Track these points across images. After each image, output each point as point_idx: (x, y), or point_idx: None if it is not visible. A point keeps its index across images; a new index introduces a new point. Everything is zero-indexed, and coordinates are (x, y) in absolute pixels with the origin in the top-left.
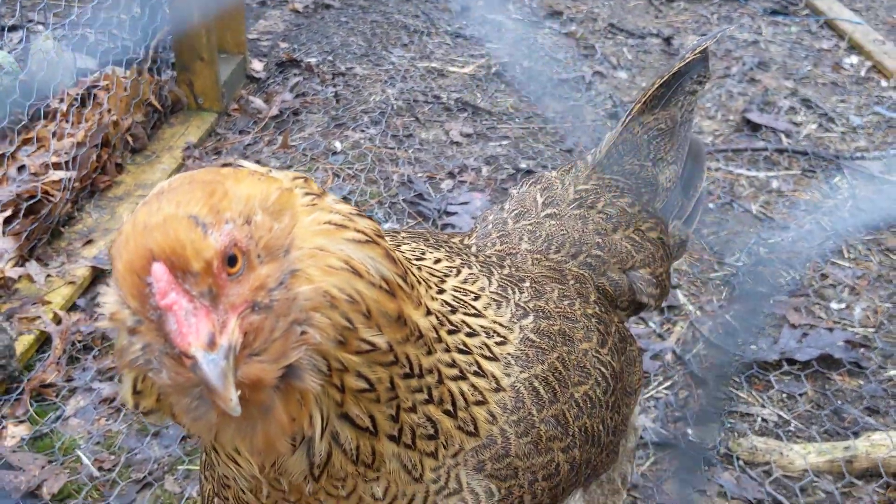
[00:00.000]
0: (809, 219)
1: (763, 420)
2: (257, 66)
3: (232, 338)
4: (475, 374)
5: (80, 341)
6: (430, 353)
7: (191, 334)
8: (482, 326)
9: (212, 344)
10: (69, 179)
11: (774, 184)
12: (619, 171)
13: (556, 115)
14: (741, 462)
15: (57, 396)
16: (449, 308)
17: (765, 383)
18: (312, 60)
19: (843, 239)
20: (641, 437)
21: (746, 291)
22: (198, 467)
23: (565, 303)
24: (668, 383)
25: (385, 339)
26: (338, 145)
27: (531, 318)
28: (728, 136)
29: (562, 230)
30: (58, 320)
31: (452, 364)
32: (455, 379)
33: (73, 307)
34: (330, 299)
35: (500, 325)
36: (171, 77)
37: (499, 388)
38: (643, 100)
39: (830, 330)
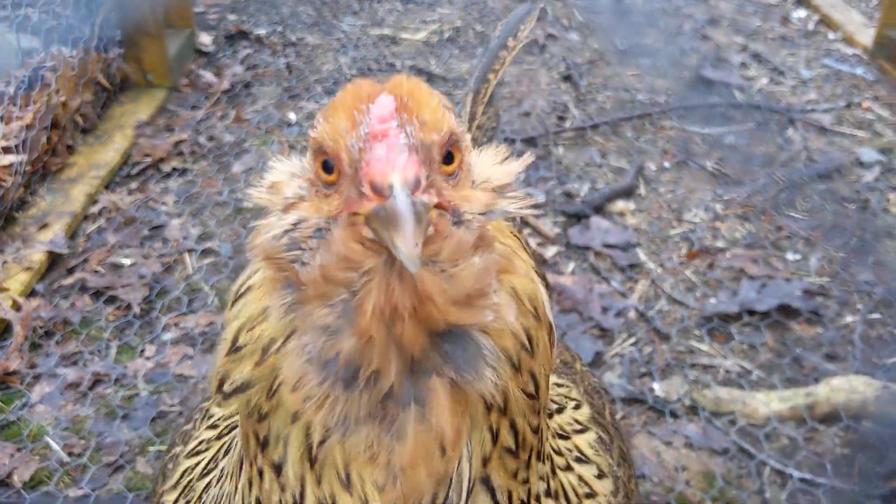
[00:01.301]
0: (764, 172)
1: (726, 371)
2: (205, 39)
3: (433, 201)
4: (577, 460)
5: (41, 327)
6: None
7: (395, 164)
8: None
9: (415, 185)
10: (20, 163)
11: (729, 139)
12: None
13: (512, 79)
14: (706, 413)
15: (21, 384)
16: None
17: (726, 335)
18: (262, 31)
19: (797, 191)
20: (608, 393)
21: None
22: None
23: None
24: (632, 340)
25: (542, 390)
26: (292, 116)
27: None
28: (682, 94)
29: None
30: (17, 307)
31: (559, 452)
32: (565, 469)
33: (31, 293)
34: (516, 292)
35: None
36: (119, 54)
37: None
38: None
39: (788, 280)
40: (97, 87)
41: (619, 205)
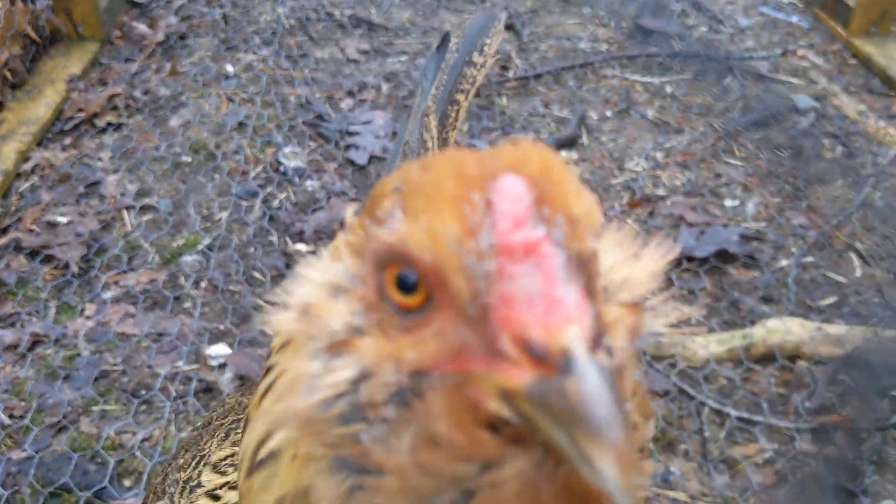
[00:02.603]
0: (703, 121)
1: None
2: None
3: (615, 363)
4: None
5: None
6: None
7: (566, 309)
8: None
9: (596, 342)
10: None
11: (668, 88)
12: None
13: (454, 29)
14: (648, 357)
15: None
16: None
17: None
18: None
19: (734, 138)
20: None
21: None
22: (113, 407)
23: None
24: None
25: None
26: (230, 69)
27: None
28: (622, 44)
29: None
30: None
31: None
32: None
33: None
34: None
35: None
36: (47, 6)
37: None
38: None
39: (726, 226)
40: (25, 39)
41: (563, 154)
